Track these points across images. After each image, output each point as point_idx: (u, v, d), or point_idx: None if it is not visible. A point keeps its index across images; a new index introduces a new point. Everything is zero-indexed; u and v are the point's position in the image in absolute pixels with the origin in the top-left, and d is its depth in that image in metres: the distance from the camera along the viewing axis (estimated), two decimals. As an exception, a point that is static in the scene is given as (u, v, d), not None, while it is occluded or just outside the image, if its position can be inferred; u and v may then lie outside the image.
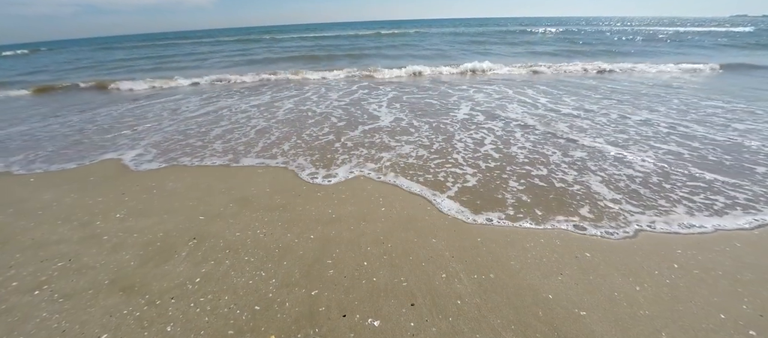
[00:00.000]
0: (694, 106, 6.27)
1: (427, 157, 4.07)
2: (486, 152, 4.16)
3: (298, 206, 2.98)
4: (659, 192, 3.11)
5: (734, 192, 3.08)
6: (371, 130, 5.22)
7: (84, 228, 2.83)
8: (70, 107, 8.19)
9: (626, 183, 3.30)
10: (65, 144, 5.27)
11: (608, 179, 3.37)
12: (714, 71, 10.79)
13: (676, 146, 4.23)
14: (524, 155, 4.04)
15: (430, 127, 5.28)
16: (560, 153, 4.07)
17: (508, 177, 3.47)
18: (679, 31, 29.45)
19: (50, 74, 15.36)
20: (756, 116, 5.49)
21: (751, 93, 7.35)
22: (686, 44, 19.48)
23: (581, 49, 17.85)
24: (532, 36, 27.03)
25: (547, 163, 3.78)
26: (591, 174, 3.49)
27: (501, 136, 4.73)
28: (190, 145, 4.87)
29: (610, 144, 4.34)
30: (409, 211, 2.87)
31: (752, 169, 3.56)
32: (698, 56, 14.20)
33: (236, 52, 20.85)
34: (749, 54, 14.93)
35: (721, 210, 2.84)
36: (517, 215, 2.78)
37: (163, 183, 3.61)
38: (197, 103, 7.88)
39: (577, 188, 3.21)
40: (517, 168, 3.67)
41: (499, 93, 7.80)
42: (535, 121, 5.44)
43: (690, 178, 3.37)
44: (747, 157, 3.86)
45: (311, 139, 4.88)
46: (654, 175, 3.44)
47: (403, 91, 8.37)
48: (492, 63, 11.81)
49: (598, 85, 8.61)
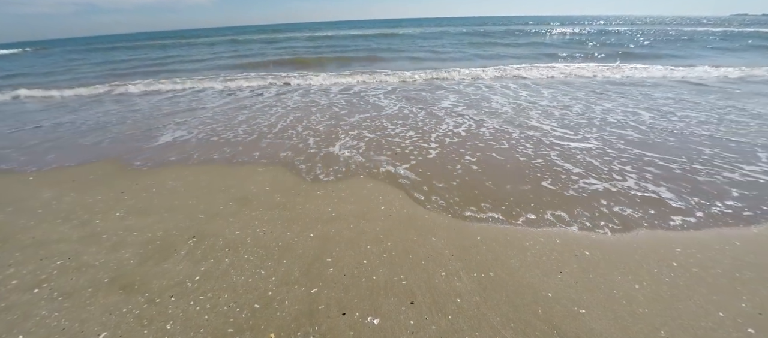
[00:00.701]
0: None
1: (431, 157, 4.07)
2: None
3: (298, 205, 2.98)
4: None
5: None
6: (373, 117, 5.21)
7: (84, 227, 2.83)
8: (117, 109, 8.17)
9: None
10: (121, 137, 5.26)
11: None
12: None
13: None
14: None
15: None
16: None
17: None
18: (697, 31, 27.98)
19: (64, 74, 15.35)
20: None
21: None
22: (719, 45, 17.65)
23: (630, 51, 16.06)
24: (548, 36, 26.04)
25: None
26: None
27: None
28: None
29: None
30: (409, 210, 2.87)
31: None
32: (746, 57, 13.08)
33: (227, 53, 20.66)
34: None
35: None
36: (516, 213, 2.79)
37: (163, 182, 3.61)
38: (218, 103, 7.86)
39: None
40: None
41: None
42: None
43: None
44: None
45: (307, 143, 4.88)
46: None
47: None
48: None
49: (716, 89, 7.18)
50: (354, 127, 5.36)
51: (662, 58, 13.62)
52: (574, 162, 3.79)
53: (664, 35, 24.29)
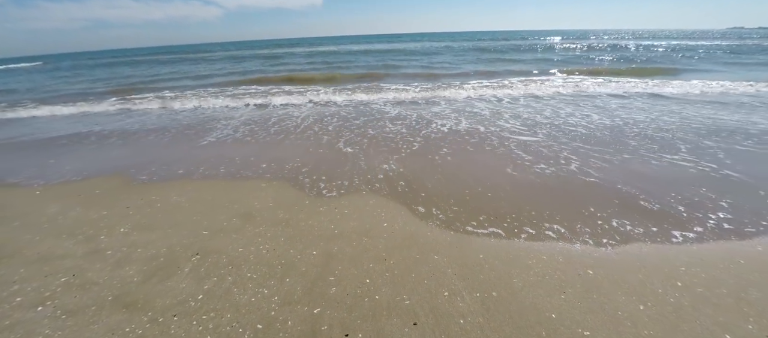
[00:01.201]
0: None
1: (433, 173, 4.10)
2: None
3: (301, 221, 3.00)
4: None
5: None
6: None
7: (88, 243, 2.85)
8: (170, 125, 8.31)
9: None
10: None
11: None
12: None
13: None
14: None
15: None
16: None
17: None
18: (713, 45, 27.67)
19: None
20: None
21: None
22: (736, 60, 17.05)
23: (674, 66, 15.21)
24: (578, 50, 25.65)
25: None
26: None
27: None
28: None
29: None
30: (411, 227, 2.88)
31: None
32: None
33: (235, 69, 21.02)
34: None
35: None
36: (517, 229, 2.79)
37: (168, 197, 3.65)
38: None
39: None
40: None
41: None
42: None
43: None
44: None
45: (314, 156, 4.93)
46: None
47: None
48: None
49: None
50: (355, 135, 5.42)
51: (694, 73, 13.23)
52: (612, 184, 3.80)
53: (680, 50, 24.05)
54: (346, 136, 5.72)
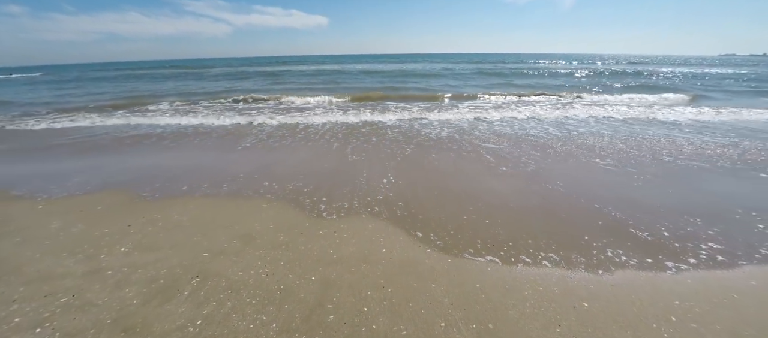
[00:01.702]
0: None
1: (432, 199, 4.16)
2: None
3: (301, 244, 3.04)
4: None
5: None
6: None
7: (89, 262, 2.87)
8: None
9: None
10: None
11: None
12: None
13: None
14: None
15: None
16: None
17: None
18: (714, 72, 27.96)
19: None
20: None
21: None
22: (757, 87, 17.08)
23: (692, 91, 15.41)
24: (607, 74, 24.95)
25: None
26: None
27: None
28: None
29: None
30: (409, 253, 2.92)
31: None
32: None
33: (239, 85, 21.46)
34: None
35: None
36: (514, 257, 2.82)
37: (169, 215, 3.69)
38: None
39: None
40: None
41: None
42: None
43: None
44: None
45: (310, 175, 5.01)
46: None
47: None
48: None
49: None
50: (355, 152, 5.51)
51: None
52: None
53: (697, 77, 24.17)
54: (349, 157, 5.82)
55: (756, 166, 5.24)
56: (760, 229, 3.33)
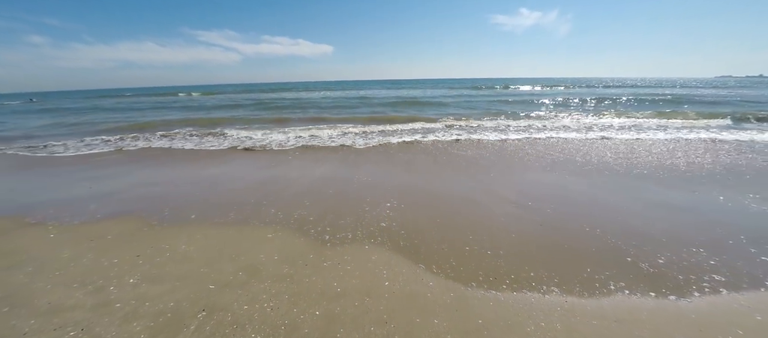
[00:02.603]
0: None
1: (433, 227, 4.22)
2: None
3: (305, 277, 3.09)
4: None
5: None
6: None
7: (98, 294, 2.94)
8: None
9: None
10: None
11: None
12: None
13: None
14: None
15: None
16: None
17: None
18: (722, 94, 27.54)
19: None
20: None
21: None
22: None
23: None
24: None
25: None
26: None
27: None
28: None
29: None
30: (412, 286, 2.95)
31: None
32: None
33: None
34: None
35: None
36: (517, 290, 2.84)
37: (177, 246, 3.77)
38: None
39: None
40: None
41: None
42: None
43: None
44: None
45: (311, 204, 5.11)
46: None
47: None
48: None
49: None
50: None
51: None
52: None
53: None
54: (353, 185, 5.94)
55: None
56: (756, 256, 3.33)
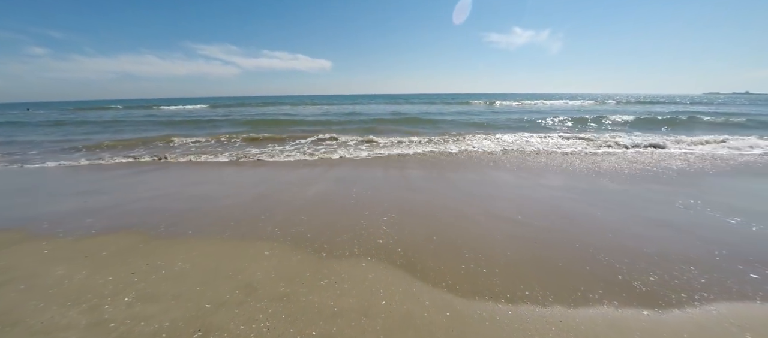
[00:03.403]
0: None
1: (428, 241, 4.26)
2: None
3: (302, 296, 3.09)
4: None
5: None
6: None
7: (92, 313, 2.91)
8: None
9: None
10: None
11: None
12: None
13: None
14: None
15: (430, 207, 5.56)
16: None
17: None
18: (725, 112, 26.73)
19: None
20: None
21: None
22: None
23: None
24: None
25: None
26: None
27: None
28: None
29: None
30: (408, 306, 2.96)
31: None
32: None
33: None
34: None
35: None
36: (513, 310, 2.87)
37: (173, 263, 3.76)
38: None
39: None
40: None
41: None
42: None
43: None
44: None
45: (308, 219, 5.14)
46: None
47: (405, 165, 8.86)
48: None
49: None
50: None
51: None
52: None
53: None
54: (350, 202, 5.98)
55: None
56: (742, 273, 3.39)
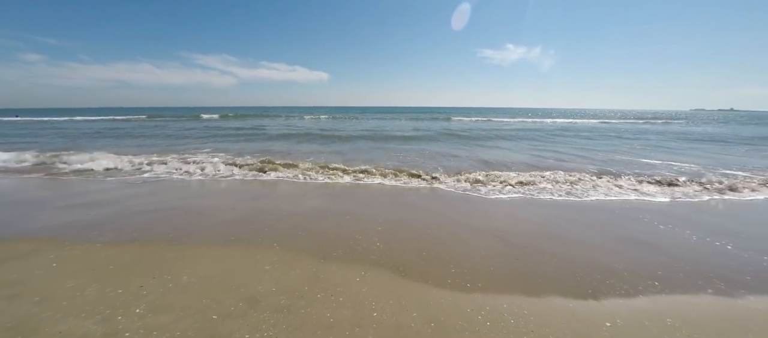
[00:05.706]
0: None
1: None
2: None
3: (301, 308, 3.38)
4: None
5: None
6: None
7: (107, 324, 3.16)
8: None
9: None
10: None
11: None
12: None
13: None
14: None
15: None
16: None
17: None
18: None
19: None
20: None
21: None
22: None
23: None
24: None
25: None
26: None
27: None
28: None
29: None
30: (398, 318, 3.27)
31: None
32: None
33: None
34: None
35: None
36: (493, 321, 3.19)
37: (179, 276, 4.01)
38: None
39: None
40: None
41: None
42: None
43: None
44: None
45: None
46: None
47: (398, 180, 9.24)
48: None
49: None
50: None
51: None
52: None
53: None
54: (344, 216, 6.29)
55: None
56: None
